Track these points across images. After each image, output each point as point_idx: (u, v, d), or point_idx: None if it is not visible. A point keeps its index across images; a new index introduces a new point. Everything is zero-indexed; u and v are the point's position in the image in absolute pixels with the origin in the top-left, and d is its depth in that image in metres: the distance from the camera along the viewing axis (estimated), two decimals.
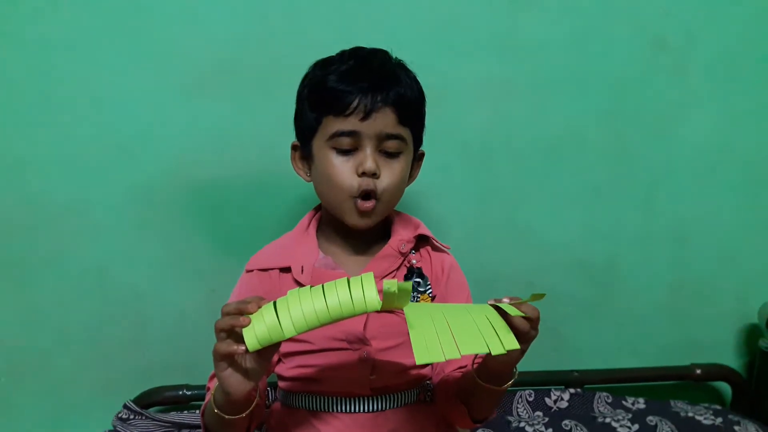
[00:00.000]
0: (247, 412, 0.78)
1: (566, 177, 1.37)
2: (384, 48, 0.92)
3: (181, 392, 1.25)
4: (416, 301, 0.91)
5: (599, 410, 1.35)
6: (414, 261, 0.94)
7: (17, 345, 1.23)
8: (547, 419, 1.30)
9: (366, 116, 0.84)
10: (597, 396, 1.37)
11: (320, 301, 0.69)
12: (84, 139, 1.19)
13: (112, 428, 1.20)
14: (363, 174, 0.85)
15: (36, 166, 1.18)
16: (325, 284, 0.70)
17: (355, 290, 0.69)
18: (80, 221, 1.21)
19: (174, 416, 1.22)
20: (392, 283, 0.66)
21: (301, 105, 0.92)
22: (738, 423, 1.30)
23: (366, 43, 0.93)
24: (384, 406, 0.90)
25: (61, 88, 1.16)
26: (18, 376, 1.25)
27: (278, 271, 0.92)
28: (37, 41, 1.14)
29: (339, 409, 0.89)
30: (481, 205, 1.35)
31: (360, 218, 0.88)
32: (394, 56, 0.92)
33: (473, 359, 0.85)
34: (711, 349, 1.49)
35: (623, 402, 1.37)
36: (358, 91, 0.84)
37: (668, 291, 1.46)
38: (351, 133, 0.85)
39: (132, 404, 1.21)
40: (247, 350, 0.69)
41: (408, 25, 1.25)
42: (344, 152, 0.86)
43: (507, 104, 1.31)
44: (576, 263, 1.41)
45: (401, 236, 0.94)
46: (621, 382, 1.44)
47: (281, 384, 0.95)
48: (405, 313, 0.70)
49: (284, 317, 0.69)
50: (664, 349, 1.48)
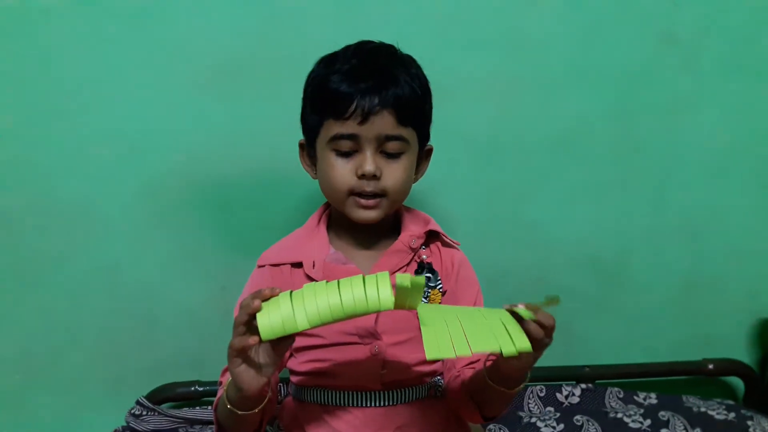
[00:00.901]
0: (260, 408, 0.78)
1: (575, 172, 1.36)
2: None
3: (193, 388, 1.26)
4: (427, 296, 0.92)
5: (611, 405, 1.34)
6: (424, 257, 0.94)
7: (30, 343, 1.24)
8: (559, 414, 1.30)
9: (364, 120, 0.84)
10: (608, 391, 1.36)
11: (335, 297, 0.69)
12: (94, 138, 1.19)
13: (126, 424, 1.21)
14: (363, 176, 0.86)
15: (45, 165, 1.19)
16: (341, 280, 0.71)
17: (370, 288, 0.69)
18: (90, 219, 1.22)
19: (186, 412, 1.23)
20: (405, 277, 0.67)
21: (305, 105, 0.93)
22: (751, 418, 1.29)
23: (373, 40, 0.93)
24: (395, 401, 0.90)
25: (70, 87, 1.17)
26: (31, 374, 1.26)
27: (290, 266, 0.93)
28: (47, 40, 1.15)
29: (350, 404, 0.89)
30: (489, 201, 1.35)
31: (363, 211, 0.88)
32: (402, 51, 0.91)
33: (485, 358, 0.85)
34: (723, 344, 1.48)
35: (635, 397, 1.36)
36: (357, 93, 0.84)
37: (680, 286, 1.45)
38: (350, 136, 0.85)
39: (144, 400, 1.22)
40: (260, 341, 0.70)
41: (415, 21, 1.24)
42: (344, 154, 0.87)
43: (515, 100, 1.31)
44: (586, 259, 1.40)
45: (411, 231, 0.94)
46: (633, 378, 1.43)
47: (293, 378, 0.95)
48: (418, 313, 0.70)
49: (299, 309, 0.70)
50: (676, 344, 1.47)
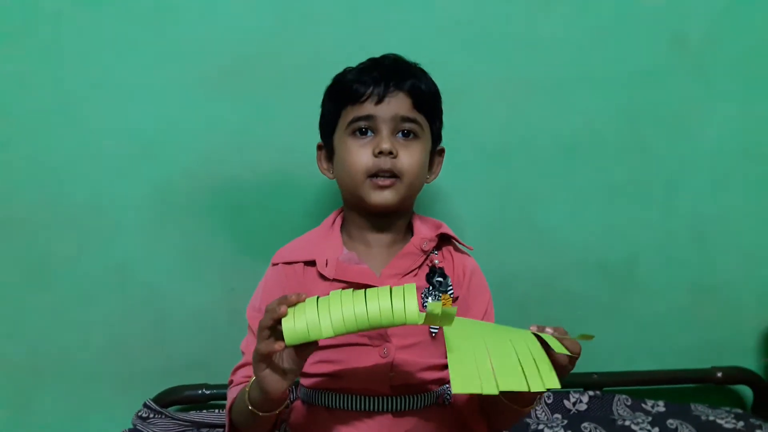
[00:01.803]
0: (281, 408, 0.80)
1: (585, 176, 1.36)
2: (402, 47, 0.96)
3: (201, 392, 1.26)
4: (438, 299, 0.92)
5: (618, 413, 1.34)
6: (436, 261, 0.94)
7: (38, 343, 1.25)
8: (566, 422, 1.29)
9: (380, 100, 0.89)
10: (616, 399, 1.36)
11: (361, 306, 0.69)
12: (104, 139, 1.20)
13: (132, 427, 1.21)
14: (380, 153, 0.88)
15: (56, 166, 1.20)
16: (368, 290, 0.71)
17: (397, 300, 0.69)
18: (101, 220, 1.23)
19: (193, 415, 1.23)
20: (436, 306, 0.67)
21: (324, 106, 0.97)
22: (760, 427, 1.28)
23: (383, 43, 0.96)
24: (403, 407, 0.89)
25: (81, 89, 1.18)
26: (39, 375, 1.26)
27: (303, 265, 0.93)
28: (58, 41, 1.16)
29: (359, 408, 0.89)
30: (499, 205, 1.35)
31: (380, 193, 0.89)
32: (411, 60, 0.96)
33: None
34: (732, 352, 1.47)
35: (643, 405, 1.35)
36: (372, 81, 0.89)
37: (688, 292, 1.44)
38: (367, 117, 0.89)
39: (152, 403, 1.22)
40: (286, 346, 0.71)
41: (425, 25, 1.25)
42: (362, 135, 0.90)
43: (525, 103, 1.31)
44: (595, 263, 1.40)
45: (423, 234, 0.94)
46: (641, 385, 1.42)
47: (303, 381, 0.95)
48: (445, 335, 0.70)
49: (324, 316, 0.70)
50: (685, 352, 1.46)
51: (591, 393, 1.36)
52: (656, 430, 1.26)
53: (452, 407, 0.95)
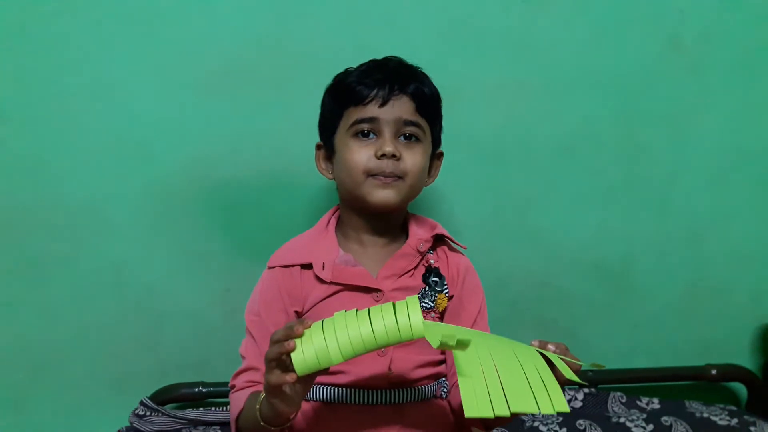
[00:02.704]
0: (294, 417, 0.80)
1: (580, 177, 1.36)
2: (398, 48, 0.96)
3: (197, 389, 1.26)
4: (434, 300, 0.92)
5: (613, 410, 1.35)
6: (432, 261, 0.95)
7: (34, 342, 1.25)
8: (561, 419, 1.30)
9: (384, 103, 0.89)
10: (611, 396, 1.36)
11: (366, 328, 0.69)
12: (100, 139, 1.20)
13: (129, 424, 1.21)
14: (383, 156, 0.88)
15: (52, 166, 1.19)
16: (371, 309, 0.71)
17: (401, 315, 0.69)
18: (96, 220, 1.22)
19: (190, 413, 1.23)
20: (451, 338, 0.67)
21: (324, 107, 0.97)
22: (754, 424, 1.29)
23: (379, 44, 0.96)
24: (401, 399, 0.90)
25: (77, 88, 1.17)
26: (35, 373, 1.26)
27: (299, 268, 0.93)
28: (54, 41, 1.15)
29: (357, 401, 0.90)
30: (494, 205, 1.35)
31: (381, 191, 0.89)
32: (410, 63, 0.96)
33: None
34: (726, 350, 1.48)
35: (637, 402, 1.36)
36: (376, 84, 0.89)
37: (683, 291, 1.45)
38: (370, 119, 0.89)
39: (148, 401, 1.22)
40: (297, 377, 0.70)
41: (421, 26, 1.25)
42: (364, 137, 0.90)
43: (520, 104, 1.31)
44: (590, 264, 1.40)
45: (419, 235, 0.95)
46: (635, 383, 1.44)
47: None
48: (455, 358, 0.70)
49: (331, 342, 0.69)
50: (679, 350, 1.47)
51: (586, 390, 1.37)
52: (651, 427, 1.27)
53: (449, 401, 0.96)
